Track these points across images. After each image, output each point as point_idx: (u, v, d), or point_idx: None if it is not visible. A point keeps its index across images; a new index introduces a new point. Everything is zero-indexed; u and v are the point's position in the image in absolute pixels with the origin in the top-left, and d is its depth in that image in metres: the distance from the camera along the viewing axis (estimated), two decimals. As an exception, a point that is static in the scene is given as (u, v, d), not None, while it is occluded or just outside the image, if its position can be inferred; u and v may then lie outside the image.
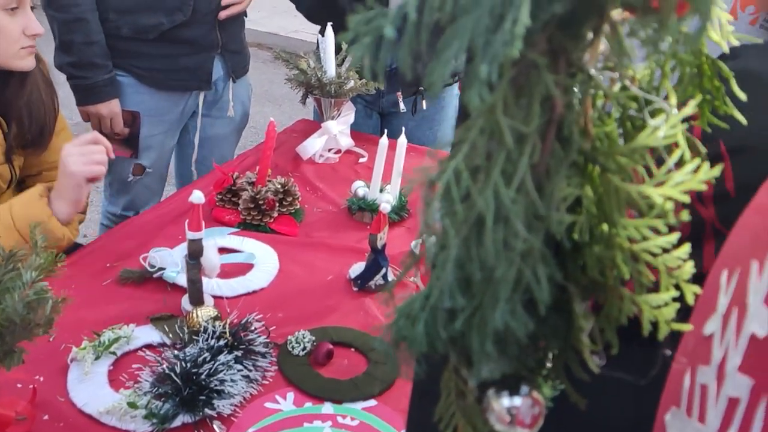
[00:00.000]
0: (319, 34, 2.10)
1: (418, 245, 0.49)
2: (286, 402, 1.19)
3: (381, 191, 1.78)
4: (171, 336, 1.28)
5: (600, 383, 0.56)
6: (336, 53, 2.05)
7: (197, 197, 1.25)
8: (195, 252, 1.30)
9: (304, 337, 1.31)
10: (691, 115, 0.58)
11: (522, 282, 0.40)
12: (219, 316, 1.32)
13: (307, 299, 1.47)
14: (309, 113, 2.51)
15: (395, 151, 1.74)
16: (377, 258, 1.48)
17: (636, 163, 0.44)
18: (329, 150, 2.10)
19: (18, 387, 1.13)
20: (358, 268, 1.54)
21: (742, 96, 0.51)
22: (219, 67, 2.13)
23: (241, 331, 1.25)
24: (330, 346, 1.30)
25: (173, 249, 1.51)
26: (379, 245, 1.47)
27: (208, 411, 1.11)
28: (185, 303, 1.36)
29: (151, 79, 2.02)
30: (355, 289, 1.50)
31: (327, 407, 1.19)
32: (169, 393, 1.11)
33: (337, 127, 2.08)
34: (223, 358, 1.17)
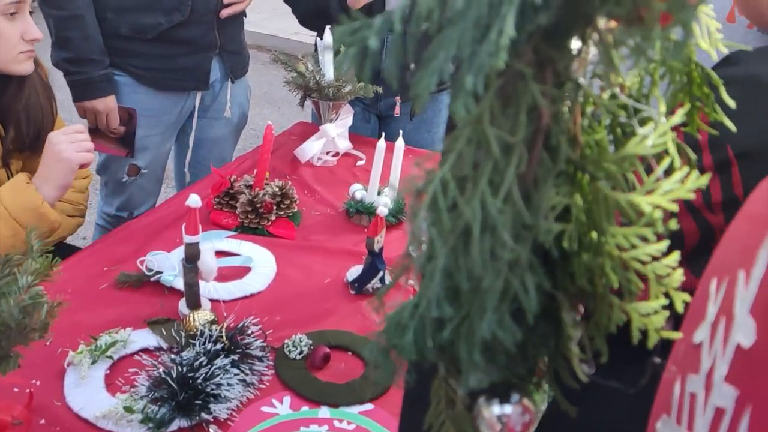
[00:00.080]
0: (318, 37, 2.10)
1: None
2: (282, 406, 1.19)
3: (379, 194, 1.78)
4: (168, 340, 1.28)
5: (593, 391, 0.56)
6: (334, 56, 2.05)
7: (194, 201, 1.25)
8: (192, 256, 1.30)
9: (301, 341, 1.31)
10: (684, 123, 0.58)
11: (509, 292, 0.40)
12: (216, 319, 1.32)
13: (305, 302, 1.47)
14: (308, 116, 2.51)
15: (393, 154, 1.75)
16: (374, 261, 1.48)
17: (625, 172, 0.44)
18: (327, 153, 2.10)
19: (14, 391, 1.13)
20: (355, 271, 1.54)
21: (731, 103, 0.51)
22: (217, 68, 2.13)
23: (238, 335, 1.25)
24: (327, 349, 1.30)
25: (170, 252, 1.51)
26: (377, 248, 1.47)
27: (204, 415, 1.11)
28: (182, 306, 1.36)
29: (149, 79, 2.02)
30: (353, 293, 1.50)
31: (324, 411, 1.19)
32: (165, 397, 1.11)
33: (336, 130, 2.08)
34: (220, 362, 1.17)
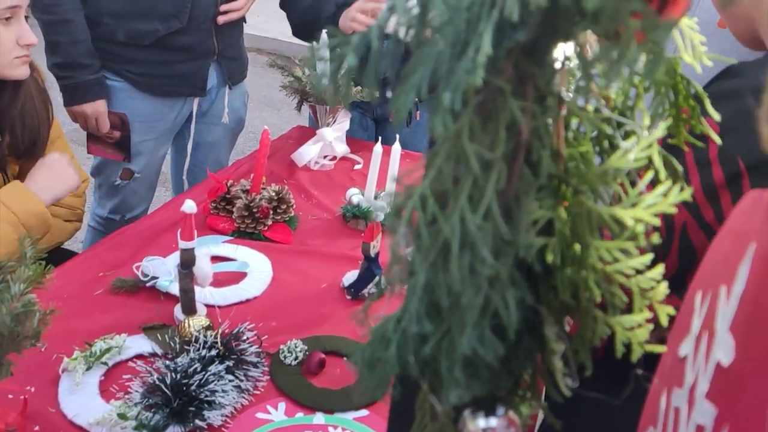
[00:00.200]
0: (314, 41, 2.10)
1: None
2: (277, 412, 1.19)
3: (376, 198, 1.78)
4: (163, 346, 1.28)
5: (580, 403, 0.56)
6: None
7: (189, 207, 1.25)
8: (187, 261, 1.30)
9: (296, 347, 1.30)
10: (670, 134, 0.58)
11: (490, 307, 0.40)
12: (211, 325, 1.32)
13: (301, 308, 1.46)
14: (306, 119, 2.51)
15: (390, 158, 1.75)
16: (371, 266, 1.48)
17: (607, 185, 0.44)
18: (324, 157, 2.10)
19: (8, 398, 1.13)
20: (351, 276, 1.54)
21: (716, 116, 0.51)
22: (214, 74, 2.13)
23: (233, 341, 1.25)
24: (322, 355, 1.30)
25: (166, 258, 1.51)
26: (373, 253, 1.47)
27: (198, 422, 1.11)
28: (178, 312, 1.36)
29: (145, 85, 2.02)
30: (349, 298, 1.50)
31: (318, 417, 1.19)
32: (160, 404, 1.11)
33: (333, 134, 2.08)
34: (215, 368, 1.17)
